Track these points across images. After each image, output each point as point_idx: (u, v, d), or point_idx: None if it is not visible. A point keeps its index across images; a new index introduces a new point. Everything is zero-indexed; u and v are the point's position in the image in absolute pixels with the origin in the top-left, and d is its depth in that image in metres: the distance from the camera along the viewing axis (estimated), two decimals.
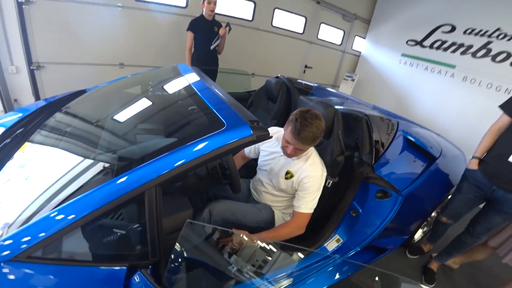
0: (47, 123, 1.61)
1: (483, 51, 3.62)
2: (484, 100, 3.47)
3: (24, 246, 0.96)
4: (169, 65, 2.16)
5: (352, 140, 1.81)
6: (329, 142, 1.66)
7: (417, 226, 2.20)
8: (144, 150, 1.30)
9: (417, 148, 1.99)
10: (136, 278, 1.04)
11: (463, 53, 3.77)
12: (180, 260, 0.97)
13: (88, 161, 1.29)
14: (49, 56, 2.98)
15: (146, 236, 1.07)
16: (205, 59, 3.21)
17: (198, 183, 1.46)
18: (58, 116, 1.69)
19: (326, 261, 1.66)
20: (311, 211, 1.54)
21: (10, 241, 0.97)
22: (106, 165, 1.24)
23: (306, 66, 4.81)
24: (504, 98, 3.11)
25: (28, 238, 0.97)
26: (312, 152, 1.57)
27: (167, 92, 1.81)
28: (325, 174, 1.54)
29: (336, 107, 1.73)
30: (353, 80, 4.71)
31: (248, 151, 1.82)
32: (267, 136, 1.17)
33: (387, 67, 4.65)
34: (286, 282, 1.52)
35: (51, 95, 2.22)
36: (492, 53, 3.55)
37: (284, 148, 1.48)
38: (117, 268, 1.05)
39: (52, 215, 1.00)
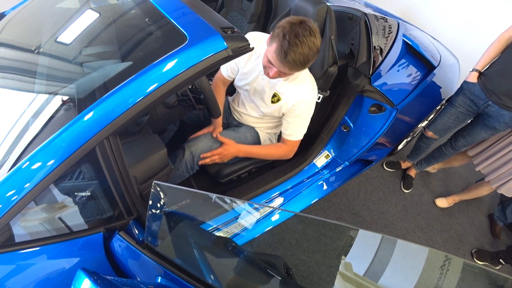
0: None
1: None
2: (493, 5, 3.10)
3: None
4: None
5: (345, 46, 1.58)
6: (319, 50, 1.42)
7: (402, 138, 2.19)
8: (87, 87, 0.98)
9: (416, 55, 1.80)
10: (115, 242, 0.93)
11: None
12: (158, 217, 0.85)
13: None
14: None
15: (113, 196, 0.92)
16: None
17: (168, 115, 1.24)
18: None
19: (314, 177, 1.66)
20: (302, 137, 1.42)
21: None
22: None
23: None
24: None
25: None
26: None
27: (107, 5, 1.33)
28: (316, 94, 1.33)
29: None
30: None
31: (226, 70, 1.48)
32: (247, 48, 0.89)
33: None
34: (277, 202, 1.53)
35: None
36: None
37: (265, 68, 1.19)
38: (92, 235, 0.92)
39: None
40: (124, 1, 1.25)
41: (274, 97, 1.34)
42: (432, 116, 2.29)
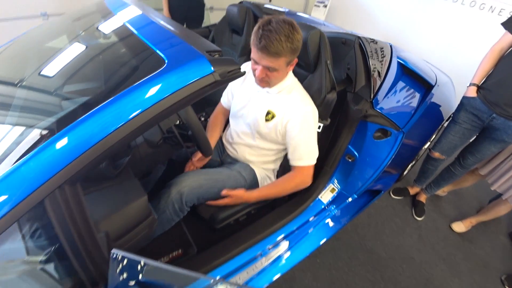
0: None
1: None
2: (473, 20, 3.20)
3: None
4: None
5: (342, 71, 1.49)
6: (315, 76, 1.32)
7: (408, 162, 2.06)
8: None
9: (413, 76, 1.73)
10: None
11: None
12: None
13: None
14: None
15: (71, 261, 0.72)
16: None
17: (152, 155, 1.08)
18: None
19: (321, 215, 1.48)
20: (315, 161, 1.26)
21: None
22: None
23: None
24: (488, 16, 2.96)
25: None
26: (295, 85, 1.25)
27: (90, 44, 1.19)
28: (316, 110, 1.22)
29: None
30: (325, 6, 4.19)
31: (226, 99, 1.42)
32: (237, 72, 0.79)
33: None
34: (282, 247, 1.34)
35: None
36: None
37: (253, 73, 1.15)
38: None
39: None
40: (105, 35, 1.14)
41: (268, 114, 1.23)
42: (433, 137, 2.20)
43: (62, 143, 0.64)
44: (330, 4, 4.24)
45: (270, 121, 1.23)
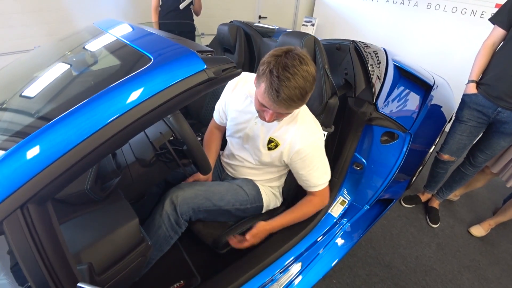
0: None
1: None
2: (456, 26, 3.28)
3: None
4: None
5: (339, 77, 1.44)
6: (315, 78, 1.27)
7: (417, 167, 1.99)
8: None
9: (410, 78, 1.70)
10: None
11: None
12: None
13: None
14: None
15: None
16: (173, 20, 2.71)
17: (145, 176, 0.99)
18: None
19: (334, 230, 1.38)
20: (329, 177, 1.19)
21: None
22: None
23: (260, 17, 4.30)
24: (471, 20, 3.03)
25: None
26: (301, 107, 1.11)
27: (70, 58, 1.13)
28: (322, 132, 1.13)
29: None
30: (312, 25, 4.29)
31: (218, 116, 1.32)
32: (233, 71, 0.72)
33: (344, 4, 4.28)
34: (295, 269, 1.23)
35: None
36: None
37: (260, 113, 1.01)
38: None
39: None
40: (91, 52, 1.10)
41: (270, 143, 1.14)
42: (438, 140, 2.14)
43: (25, 151, 0.55)
44: (318, 22, 4.34)
45: (274, 150, 1.14)
